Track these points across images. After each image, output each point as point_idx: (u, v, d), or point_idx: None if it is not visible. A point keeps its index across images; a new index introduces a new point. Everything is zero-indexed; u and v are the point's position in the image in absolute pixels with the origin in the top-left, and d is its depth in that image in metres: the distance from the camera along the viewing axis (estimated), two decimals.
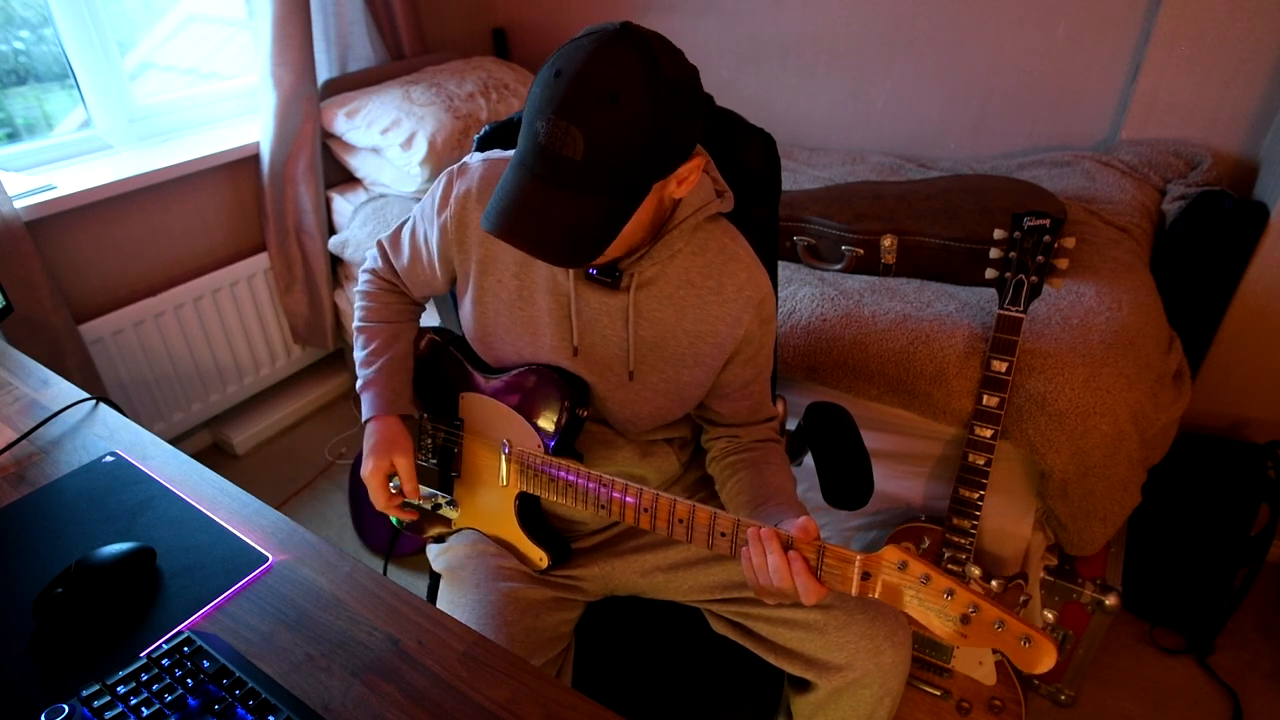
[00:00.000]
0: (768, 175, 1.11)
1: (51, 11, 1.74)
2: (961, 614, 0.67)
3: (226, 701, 0.64)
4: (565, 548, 1.03)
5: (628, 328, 0.92)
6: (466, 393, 1.02)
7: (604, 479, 0.88)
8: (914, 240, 1.52)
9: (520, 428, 0.96)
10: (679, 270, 0.92)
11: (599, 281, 0.90)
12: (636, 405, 0.97)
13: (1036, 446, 1.28)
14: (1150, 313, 1.42)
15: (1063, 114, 2.01)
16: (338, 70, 2.21)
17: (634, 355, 0.93)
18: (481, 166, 0.94)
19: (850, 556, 0.73)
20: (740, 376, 0.98)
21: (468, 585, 0.96)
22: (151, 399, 1.97)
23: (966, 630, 0.67)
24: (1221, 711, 1.52)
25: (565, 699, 0.67)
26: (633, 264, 0.89)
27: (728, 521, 0.80)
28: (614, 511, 0.88)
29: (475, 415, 1.02)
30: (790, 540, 0.76)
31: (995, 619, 0.66)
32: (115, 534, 0.84)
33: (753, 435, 1.02)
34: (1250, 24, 1.69)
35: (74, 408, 1.05)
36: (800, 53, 2.29)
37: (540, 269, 0.93)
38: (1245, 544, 1.57)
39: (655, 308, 0.92)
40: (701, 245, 0.92)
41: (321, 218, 2.13)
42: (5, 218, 1.56)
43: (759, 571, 0.77)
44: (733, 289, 0.92)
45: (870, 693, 0.92)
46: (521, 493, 0.98)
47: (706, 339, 0.93)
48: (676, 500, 0.83)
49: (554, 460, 0.92)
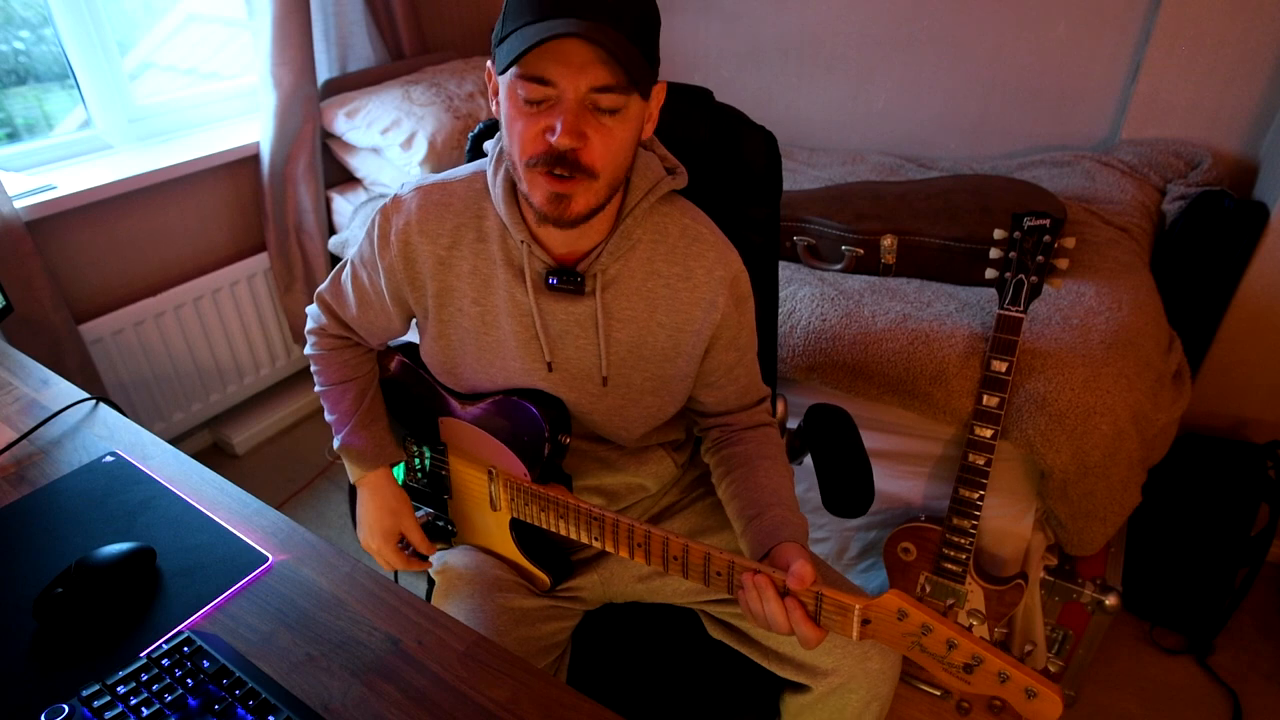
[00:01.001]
0: (769, 174, 1.10)
1: (51, 11, 1.74)
2: (964, 663, 0.66)
3: (226, 701, 0.64)
4: (567, 566, 1.01)
5: (599, 333, 0.88)
6: (445, 418, 0.99)
7: (594, 511, 0.86)
8: (914, 240, 1.52)
9: (503, 456, 0.94)
10: (642, 262, 0.88)
11: (562, 290, 0.86)
12: (625, 410, 0.94)
13: (1036, 446, 1.28)
14: (1150, 313, 1.42)
15: (1063, 114, 2.01)
16: (338, 70, 2.21)
17: (606, 360, 0.90)
18: (415, 197, 0.89)
19: (849, 604, 0.71)
20: (724, 362, 0.95)
21: (463, 595, 0.95)
22: (151, 399, 1.97)
23: (970, 679, 0.66)
24: (1221, 711, 1.52)
25: (566, 699, 0.67)
26: (592, 264, 0.85)
27: (722, 561, 0.79)
28: (607, 543, 0.87)
29: (457, 440, 0.99)
30: (786, 588, 0.75)
31: (999, 670, 0.64)
32: (115, 534, 0.84)
33: (744, 421, 1.00)
34: (1250, 24, 1.69)
35: (74, 408, 1.05)
36: (800, 53, 2.29)
37: (499, 292, 0.88)
38: (1245, 544, 1.57)
39: (625, 306, 0.88)
40: (661, 231, 0.88)
41: (321, 218, 2.13)
42: (5, 218, 1.56)
43: (756, 616, 0.76)
44: (702, 272, 0.88)
45: (857, 697, 0.92)
46: (514, 519, 0.96)
47: (684, 329, 0.90)
48: (669, 538, 0.81)
49: (541, 490, 0.90)
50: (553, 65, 0.71)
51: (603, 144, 0.74)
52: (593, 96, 0.72)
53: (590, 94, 0.72)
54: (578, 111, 0.72)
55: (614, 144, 0.75)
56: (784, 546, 0.82)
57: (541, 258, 0.86)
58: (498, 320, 0.90)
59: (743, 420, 1.00)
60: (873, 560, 1.58)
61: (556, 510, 0.90)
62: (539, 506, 0.91)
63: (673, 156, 0.91)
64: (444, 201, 0.88)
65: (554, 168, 0.74)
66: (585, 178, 0.75)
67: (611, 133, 0.74)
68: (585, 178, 0.75)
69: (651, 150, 0.90)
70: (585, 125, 0.73)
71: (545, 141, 0.74)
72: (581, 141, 0.73)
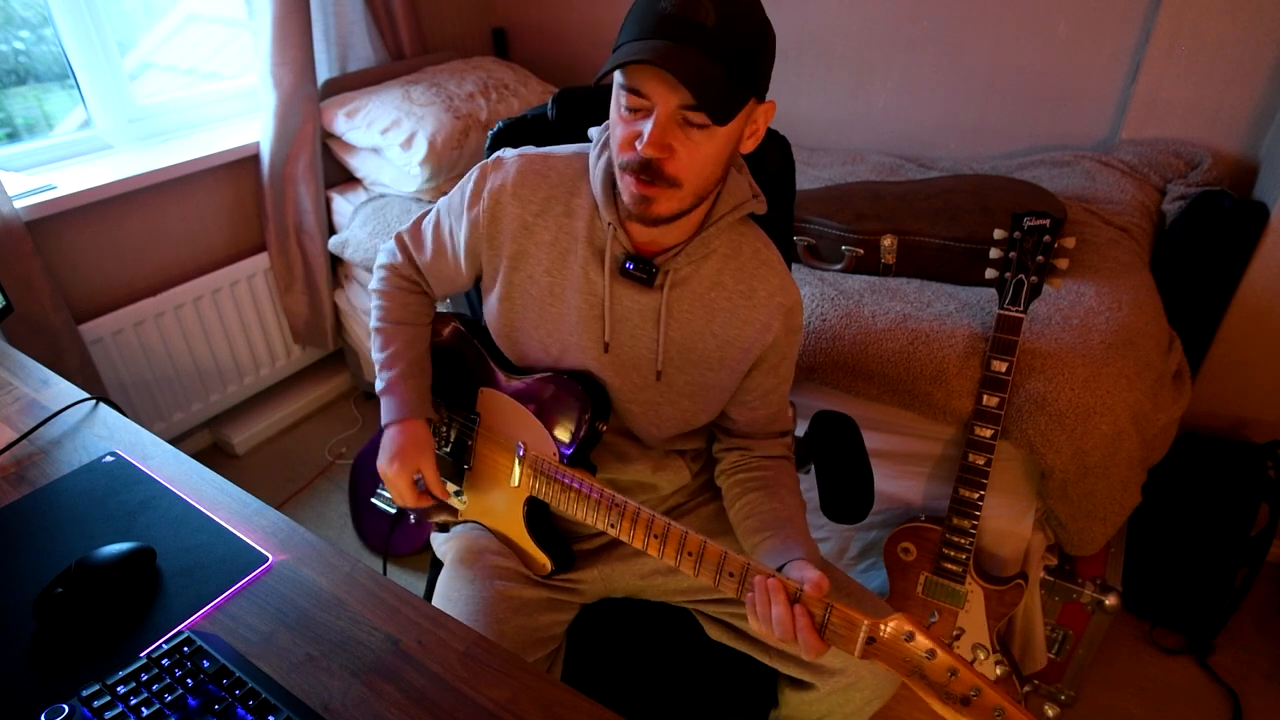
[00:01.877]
0: (781, 177, 1.11)
1: (51, 11, 1.74)
2: (963, 695, 0.66)
3: (226, 701, 0.64)
4: (569, 555, 1.02)
5: (659, 327, 0.92)
6: (486, 388, 1.01)
7: (616, 498, 0.87)
8: (914, 240, 1.52)
9: (537, 433, 0.96)
10: (711, 272, 0.92)
11: (634, 278, 0.90)
12: (661, 408, 0.96)
13: (1036, 446, 1.28)
14: (1150, 313, 1.42)
15: (1063, 114, 2.01)
16: (338, 70, 2.21)
17: (663, 355, 0.93)
18: (518, 161, 0.94)
19: (857, 620, 0.72)
20: (762, 384, 0.98)
21: (464, 580, 0.96)
22: (151, 399, 1.97)
23: (965, 712, 0.66)
24: (1221, 711, 1.52)
25: (566, 699, 0.67)
26: (669, 260, 0.89)
27: (737, 563, 0.80)
28: (623, 531, 0.88)
29: (492, 412, 1.01)
30: (799, 594, 0.75)
31: (995, 706, 0.64)
32: (115, 534, 0.84)
33: (764, 450, 1.01)
34: (1250, 24, 1.69)
35: (74, 408, 1.05)
36: (800, 53, 2.29)
37: (573, 267, 0.92)
38: (1245, 544, 1.57)
39: (686, 309, 0.92)
40: (735, 248, 0.93)
41: (321, 218, 2.13)
42: (5, 218, 1.56)
43: (762, 619, 0.77)
44: (764, 294, 0.92)
45: (861, 695, 0.93)
46: (531, 497, 0.97)
47: (735, 343, 0.93)
48: (688, 533, 0.83)
49: (568, 471, 0.92)
50: (647, 81, 0.76)
51: (688, 157, 0.79)
52: (683, 113, 0.76)
53: (681, 110, 0.76)
54: (666, 125, 0.77)
55: (699, 158, 0.79)
56: (799, 562, 0.83)
57: (624, 243, 0.90)
58: (565, 294, 0.93)
59: (764, 448, 1.02)
60: (873, 560, 1.58)
61: (578, 493, 0.91)
62: (561, 488, 0.92)
63: (757, 185, 0.96)
64: (542, 171, 0.93)
65: (640, 173, 0.79)
66: (667, 186, 0.80)
67: (699, 148, 0.79)
68: (667, 186, 0.80)
69: (743, 174, 0.94)
70: (672, 138, 0.78)
71: (634, 148, 0.79)
72: (666, 153, 0.78)
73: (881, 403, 1.42)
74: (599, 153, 0.90)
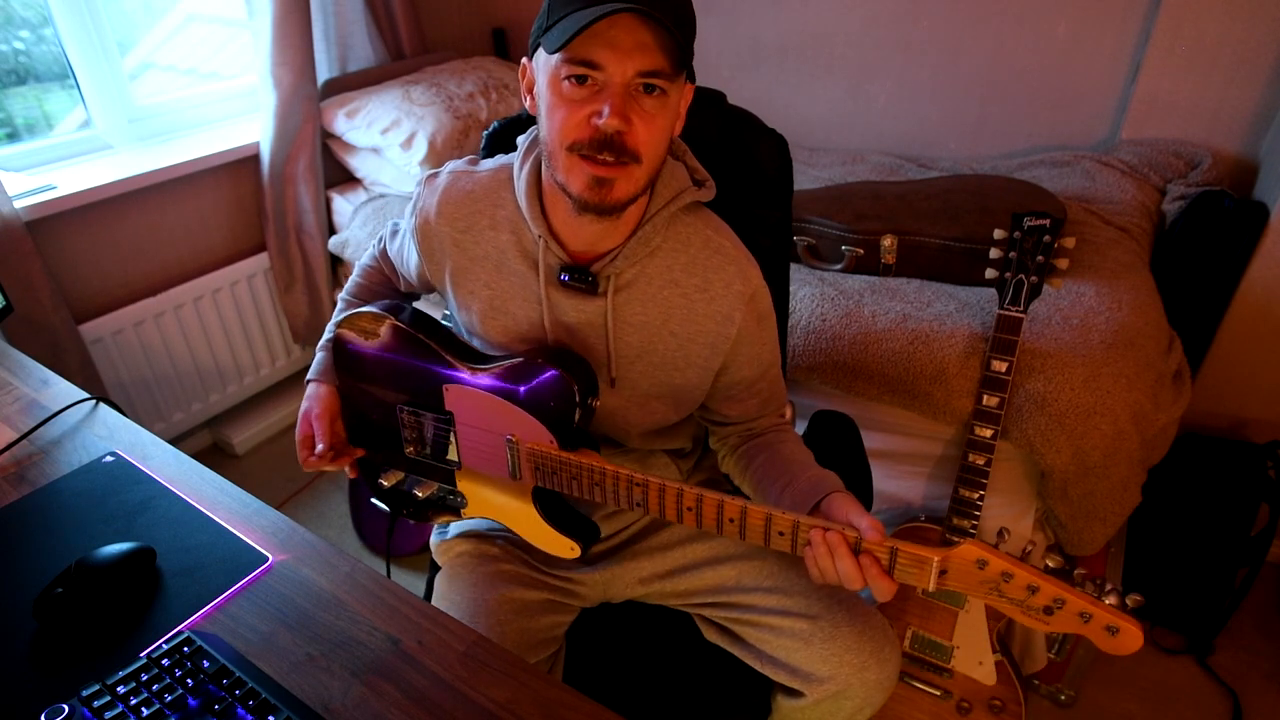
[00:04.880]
0: (780, 177, 1.10)
1: (51, 11, 1.74)
2: (1044, 606, 0.67)
3: (226, 701, 0.64)
4: (593, 528, 0.97)
5: (607, 335, 0.88)
6: (451, 385, 0.92)
7: (636, 476, 0.83)
8: (914, 240, 1.52)
9: (525, 423, 0.87)
10: (661, 269, 0.88)
11: (573, 287, 0.87)
12: (628, 412, 0.94)
13: (1036, 446, 1.28)
14: (1150, 313, 1.42)
15: (1063, 114, 2.01)
16: (338, 70, 2.21)
17: (615, 363, 0.90)
18: (446, 178, 0.92)
19: (927, 557, 0.71)
20: (745, 378, 0.95)
21: (464, 584, 0.96)
22: (151, 399, 1.97)
23: (1050, 620, 0.68)
24: (1221, 711, 1.52)
25: (566, 699, 0.67)
26: (606, 266, 0.86)
27: (786, 522, 0.77)
28: (651, 506, 0.84)
29: (467, 409, 0.92)
30: (859, 543, 0.75)
31: (1081, 610, 0.66)
32: (115, 534, 0.84)
33: (765, 425, 1.01)
34: (1250, 24, 1.69)
35: (74, 408, 1.05)
36: (800, 53, 2.29)
37: (511, 279, 0.90)
38: (1245, 544, 1.57)
39: (638, 311, 0.88)
40: (683, 240, 0.89)
41: (321, 218, 2.13)
42: (5, 218, 1.56)
43: (825, 573, 0.77)
44: (720, 285, 0.88)
45: (851, 704, 0.92)
46: (537, 487, 0.92)
47: (696, 340, 0.89)
48: (724, 499, 0.79)
49: (571, 457, 0.86)
50: (601, 49, 0.73)
51: (645, 129, 0.76)
52: (638, 81, 0.74)
53: (636, 78, 0.74)
54: (624, 95, 0.74)
55: (655, 130, 0.77)
56: (834, 499, 0.83)
57: (557, 253, 0.87)
58: (508, 306, 0.92)
59: (763, 425, 1.01)
60: None
61: (590, 478, 0.86)
62: (569, 475, 0.87)
63: (703, 169, 0.92)
64: (466, 187, 0.92)
65: (599, 152, 0.76)
66: (630, 162, 0.77)
67: (654, 119, 0.76)
68: (630, 162, 0.77)
69: (682, 160, 0.91)
70: (630, 110, 0.75)
71: (589, 126, 0.75)
72: (627, 125, 0.75)
73: (881, 403, 1.42)
74: (522, 161, 0.88)
